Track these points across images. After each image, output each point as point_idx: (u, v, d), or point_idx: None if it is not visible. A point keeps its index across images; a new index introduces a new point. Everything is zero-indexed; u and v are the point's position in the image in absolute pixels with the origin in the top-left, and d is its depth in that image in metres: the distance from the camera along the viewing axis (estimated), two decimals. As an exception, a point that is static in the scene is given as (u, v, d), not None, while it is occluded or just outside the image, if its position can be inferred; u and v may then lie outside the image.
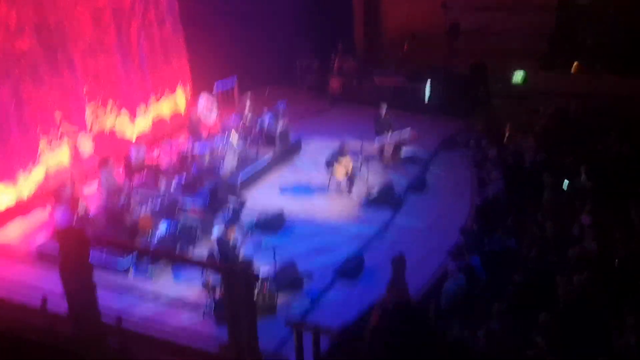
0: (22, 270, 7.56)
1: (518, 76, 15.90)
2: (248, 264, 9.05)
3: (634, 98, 13.20)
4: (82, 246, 3.33)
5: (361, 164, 12.51)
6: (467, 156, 13.76)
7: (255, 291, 7.58)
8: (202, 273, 8.92)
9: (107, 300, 3.83)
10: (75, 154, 12.53)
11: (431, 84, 16.60)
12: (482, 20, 16.36)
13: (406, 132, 13.57)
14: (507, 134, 13.40)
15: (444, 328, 7.14)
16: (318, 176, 12.91)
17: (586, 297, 7.29)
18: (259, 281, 8.46)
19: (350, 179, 12.17)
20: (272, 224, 10.93)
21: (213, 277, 8.72)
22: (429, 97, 16.67)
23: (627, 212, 9.32)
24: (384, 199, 11.76)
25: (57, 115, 12.06)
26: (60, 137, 12.13)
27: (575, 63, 15.05)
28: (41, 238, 10.38)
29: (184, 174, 12.40)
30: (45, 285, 4.37)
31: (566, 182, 10.42)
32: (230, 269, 2.99)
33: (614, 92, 13.54)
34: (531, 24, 15.75)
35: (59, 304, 3.87)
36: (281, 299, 8.90)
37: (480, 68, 16.31)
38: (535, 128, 13.22)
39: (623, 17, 14.99)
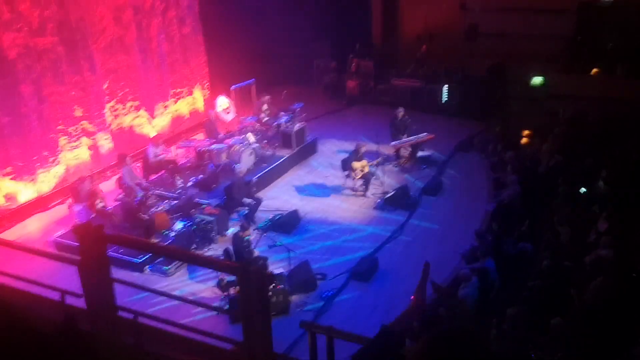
0: (41, 264, 7.68)
1: (537, 79, 15.77)
2: (263, 263, 9.14)
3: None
4: (101, 243, 3.40)
5: (377, 165, 12.50)
6: (483, 159, 13.70)
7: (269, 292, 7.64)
8: (217, 271, 9.01)
9: (122, 296, 3.92)
10: (94, 150, 12.71)
11: (448, 85, 16.54)
12: (501, 22, 16.24)
13: (422, 134, 13.55)
14: (524, 138, 13.31)
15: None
16: (334, 177, 12.96)
17: (601, 304, 7.22)
18: (274, 282, 8.52)
19: (366, 180, 12.17)
20: (287, 224, 10.98)
21: (227, 276, 8.81)
22: (446, 99, 16.62)
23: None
24: (400, 201, 11.75)
25: (77, 111, 12.24)
26: (80, 134, 12.31)
27: (596, 67, 14.87)
28: (60, 232, 10.55)
29: (201, 172, 12.52)
30: (63, 280, 4.46)
31: (584, 188, 10.32)
32: (245, 269, 3.02)
33: (635, 96, 13.34)
34: (551, 26, 15.60)
35: (77, 299, 3.94)
36: (295, 298, 8.95)
37: (499, 70, 16.21)
38: (554, 132, 13.10)
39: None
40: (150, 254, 9.68)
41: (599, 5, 15.51)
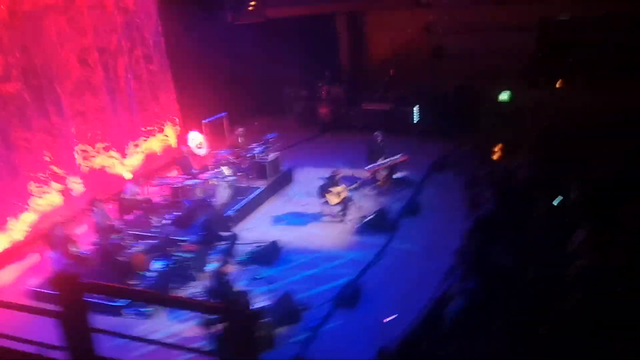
0: (15, 315, 7.43)
1: (504, 95, 16.12)
2: (246, 300, 8.98)
3: (617, 110, 13.33)
4: (79, 292, 3.29)
5: (355, 190, 12.50)
6: (458, 177, 13.81)
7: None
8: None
9: (103, 343, 3.78)
10: (66, 194, 12.47)
11: (419, 106, 16.76)
12: (466, 42, 16.60)
13: (397, 156, 13.64)
14: (497, 153, 13.50)
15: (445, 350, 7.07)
16: (311, 205, 12.90)
17: (583, 314, 7.25)
18: (259, 320, 8.35)
19: (344, 205, 12.15)
20: (267, 255, 10.85)
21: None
22: (418, 120, 16.81)
23: (621, 225, 9.34)
24: (379, 224, 11.73)
25: (46, 156, 12.03)
26: (50, 179, 12.07)
27: (559, 80, 15.26)
28: (35, 281, 10.26)
29: (176, 209, 12.37)
30: (41, 331, 4.30)
31: (559, 198, 10.46)
32: (229, 310, 2.96)
33: (599, 106, 13.68)
34: (514, 43, 15.99)
35: (57, 351, 3.80)
36: (280, 331, 8.79)
37: (467, 89, 16.50)
38: (525, 146, 13.32)
39: (602, 31, 15.24)
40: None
41: (558, 21, 15.98)
